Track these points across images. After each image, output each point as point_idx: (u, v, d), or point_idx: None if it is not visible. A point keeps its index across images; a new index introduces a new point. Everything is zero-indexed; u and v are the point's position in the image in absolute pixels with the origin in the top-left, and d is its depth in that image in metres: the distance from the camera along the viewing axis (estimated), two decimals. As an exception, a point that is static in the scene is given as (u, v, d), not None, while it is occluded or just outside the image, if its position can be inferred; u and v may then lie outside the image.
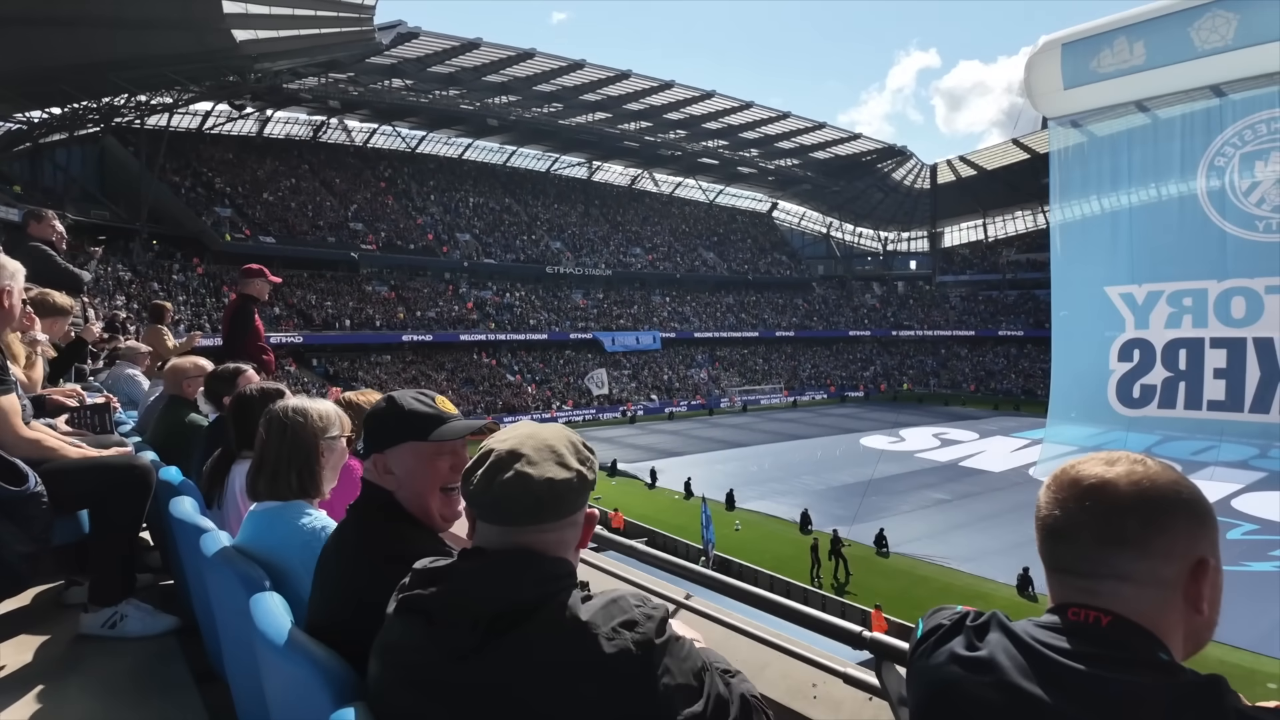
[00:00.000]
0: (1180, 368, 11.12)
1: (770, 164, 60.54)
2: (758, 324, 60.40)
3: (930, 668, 0.93)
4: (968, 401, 51.68)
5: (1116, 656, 0.81)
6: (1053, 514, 0.90)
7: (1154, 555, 0.85)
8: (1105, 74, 11.19)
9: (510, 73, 41.76)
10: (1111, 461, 0.90)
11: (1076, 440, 13.76)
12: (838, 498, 24.38)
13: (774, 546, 20.01)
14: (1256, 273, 10.37)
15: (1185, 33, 10.30)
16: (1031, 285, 61.36)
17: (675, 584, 1.85)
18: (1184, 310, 11.01)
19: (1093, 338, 12.01)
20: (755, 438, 37.53)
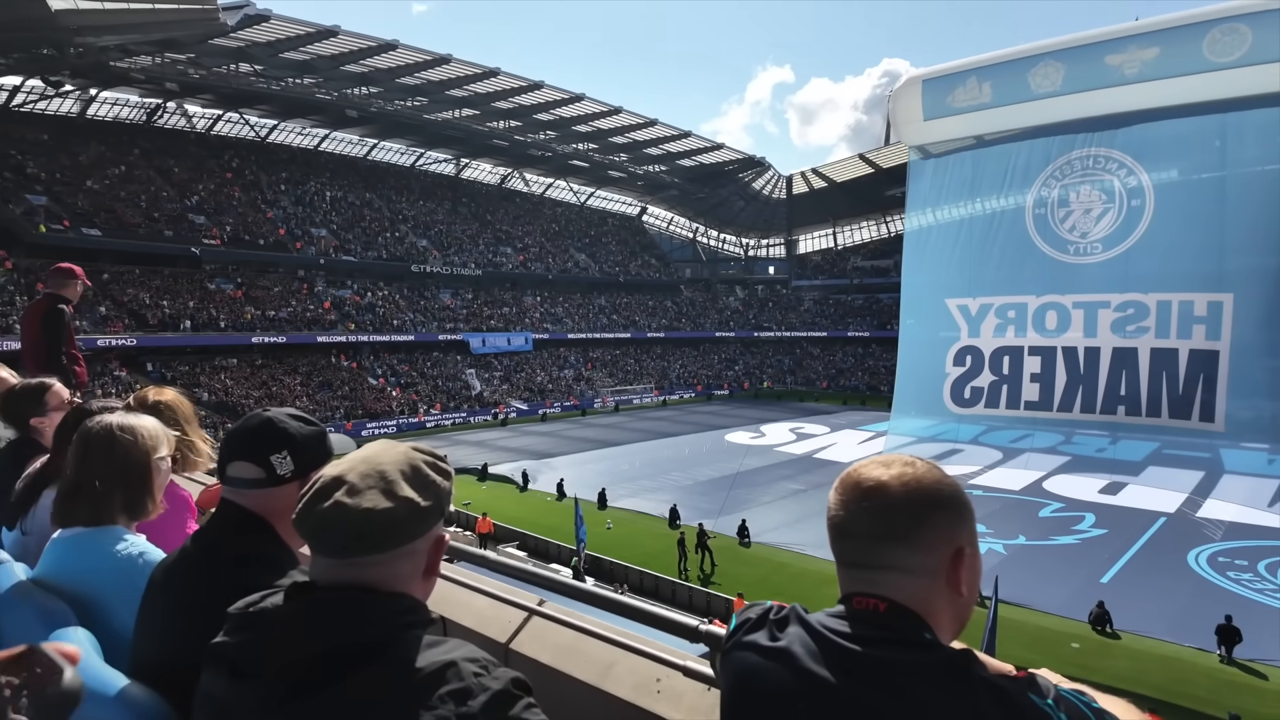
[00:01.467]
0: (1004, 372, 12.45)
1: (639, 169, 61.66)
2: (629, 325, 61.24)
3: (736, 659, 1.01)
4: (821, 398, 55.01)
5: (891, 638, 0.92)
6: (839, 513, 1.00)
7: (921, 547, 0.96)
8: (959, 109, 12.48)
9: (371, 64, 39.95)
10: (887, 464, 1.00)
11: (915, 431, 15.00)
12: (704, 492, 25.23)
13: (644, 542, 20.43)
14: (1066, 290, 11.76)
15: (1024, 78, 11.75)
16: (876, 290, 66.35)
17: (530, 591, 1.91)
18: (1009, 321, 12.32)
19: (933, 344, 13.22)
20: (627, 437, 38.08)
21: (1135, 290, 11.27)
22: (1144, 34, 10.63)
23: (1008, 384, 12.43)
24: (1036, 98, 11.51)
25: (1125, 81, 10.55)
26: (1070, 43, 11.40)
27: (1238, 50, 9.78)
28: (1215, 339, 10.78)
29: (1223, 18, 9.97)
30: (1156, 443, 22.96)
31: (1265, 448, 12.08)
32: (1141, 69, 10.46)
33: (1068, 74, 11.19)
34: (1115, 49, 10.67)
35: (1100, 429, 18.88)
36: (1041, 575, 17.22)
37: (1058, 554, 18.88)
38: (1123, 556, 18.44)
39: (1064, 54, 11.29)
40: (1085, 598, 15.20)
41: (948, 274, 12.89)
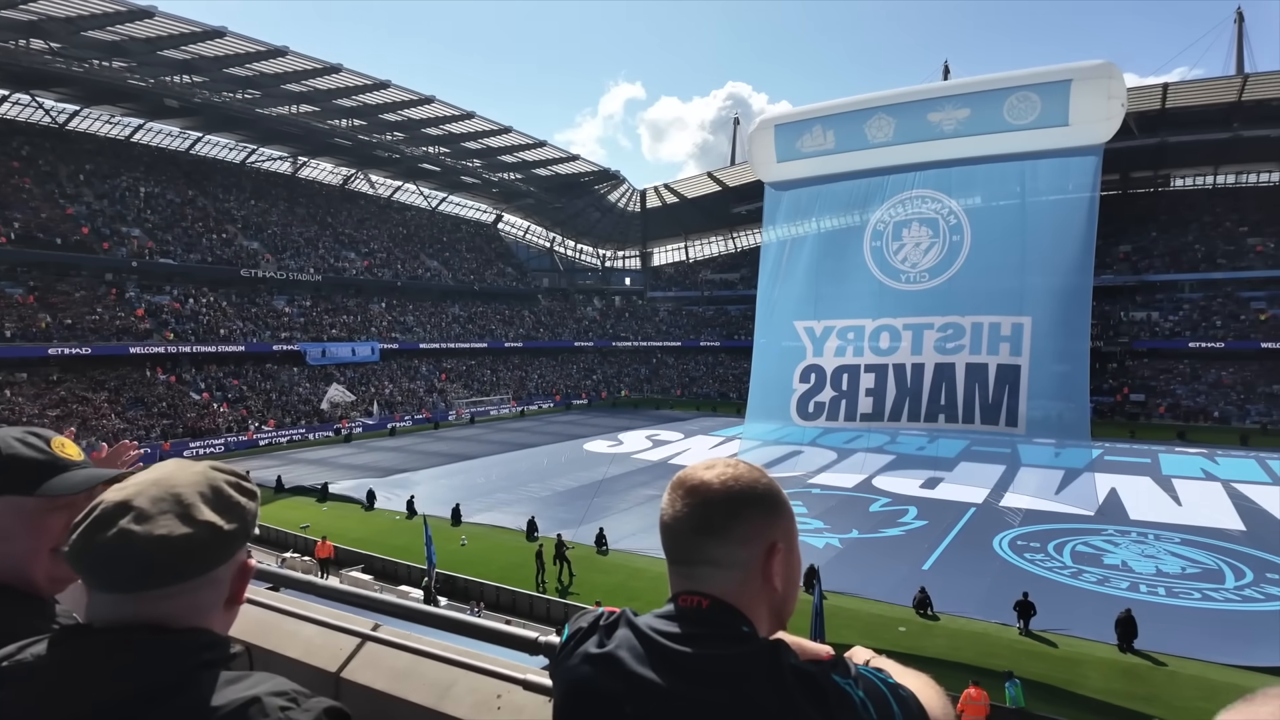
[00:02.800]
0: (843, 388, 13.53)
1: (494, 176, 60.69)
2: (485, 334, 59.95)
3: (566, 668, 1.02)
4: (675, 405, 56.64)
5: (712, 634, 0.96)
6: (666, 512, 1.04)
7: (736, 541, 1.00)
8: (806, 153, 13.70)
9: (195, 50, 36.53)
10: (710, 466, 1.05)
11: (763, 435, 15.87)
12: (563, 503, 25.13)
13: (501, 557, 20.00)
14: (898, 313, 13.17)
15: (861, 128, 13.08)
16: (725, 301, 69.39)
17: (365, 616, 1.82)
18: (848, 342, 13.53)
19: (782, 361, 14.25)
20: (483, 449, 37.17)
21: (955, 313, 12.79)
22: (957, 95, 12.34)
23: (846, 399, 13.56)
24: (872, 146, 12.90)
25: (944, 136, 12.15)
26: (898, 98, 13.01)
27: (1030, 115, 11.45)
28: (1018, 355, 12.37)
29: (1017, 86, 11.67)
30: (967, 440, 25.77)
31: (1053, 442, 13.84)
32: (957, 126, 12.06)
33: (897, 127, 12.69)
34: (935, 108, 12.29)
35: (922, 432, 20.92)
36: (873, 565, 18.67)
37: (886, 545, 20.55)
38: (940, 545, 20.40)
39: (893, 109, 12.84)
40: (910, 584, 16.64)
41: (797, 299, 14.07)
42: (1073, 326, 12.55)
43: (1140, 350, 50.56)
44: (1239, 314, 49.24)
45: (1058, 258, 12.17)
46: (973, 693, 11.24)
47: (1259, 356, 46.80)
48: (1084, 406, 13.15)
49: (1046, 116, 11.41)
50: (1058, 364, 12.71)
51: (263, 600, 1.85)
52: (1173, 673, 13.14)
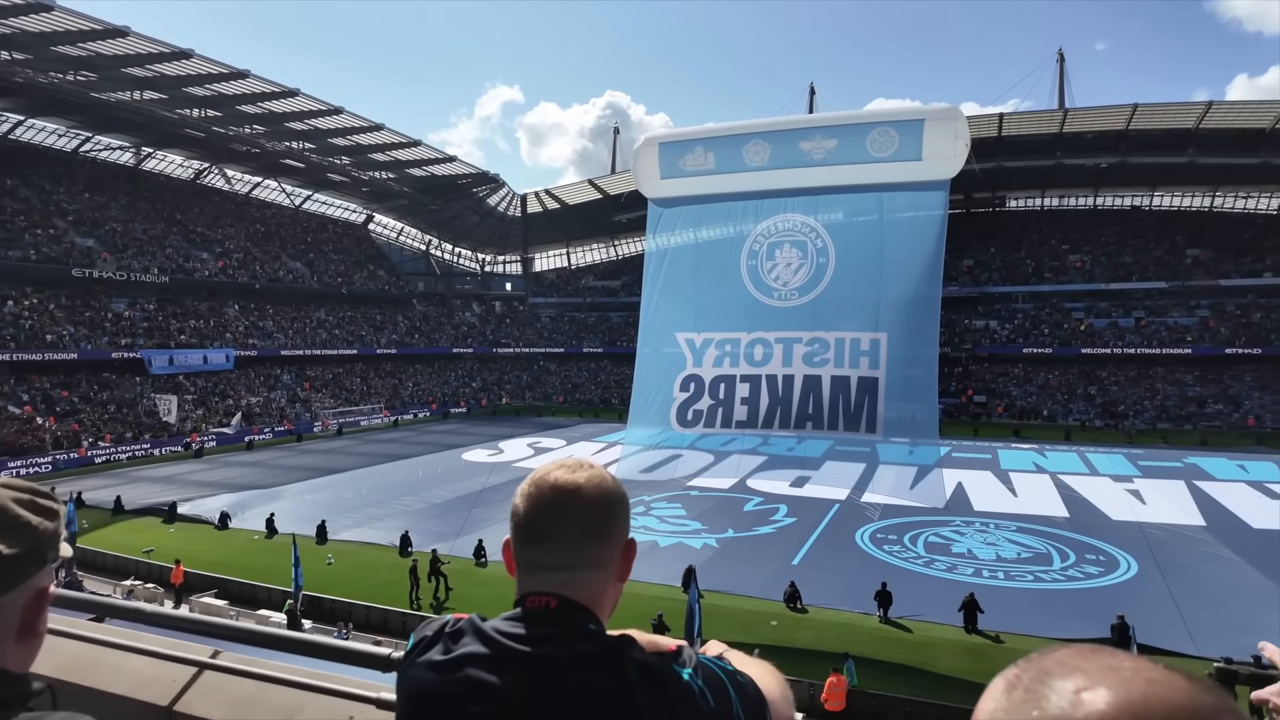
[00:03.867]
0: (720, 397, 14.10)
1: (364, 174, 58.07)
2: (355, 340, 57.15)
3: (410, 679, 1.01)
4: (558, 412, 56.35)
5: (559, 633, 0.98)
6: (535, 516, 1.04)
7: (611, 541, 1.04)
8: (689, 172, 14.28)
9: (16, 24, 32.62)
10: (573, 469, 1.07)
11: (644, 440, 16.21)
12: (439, 515, 24.37)
13: (372, 575, 19.12)
14: (771, 328, 13.95)
15: (740, 152, 13.80)
16: (607, 308, 69.86)
17: (201, 643, 1.71)
18: (726, 354, 14.16)
19: (664, 371, 14.69)
20: (352, 462, 35.37)
21: (821, 329, 13.79)
22: (826, 127, 13.34)
23: (723, 407, 14.22)
24: (750, 170, 13.71)
25: (814, 164, 13.11)
26: (774, 126, 14.01)
27: (889, 149, 12.50)
28: (876, 368, 13.43)
29: (879, 122, 12.76)
30: (832, 441, 27.34)
31: (906, 441, 14.94)
32: (825, 155, 13.05)
33: (773, 152, 13.59)
34: (806, 137, 13.27)
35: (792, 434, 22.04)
36: (747, 563, 19.38)
37: (759, 543, 21.40)
38: (808, 540, 21.49)
39: (769, 135, 13.80)
40: (781, 579, 17.39)
41: (678, 311, 14.65)
42: (923, 334, 13.71)
43: (982, 355, 55.52)
44: (1063, 323, 55.16)
45: (911, 272, 13.32)
46: (834, 680, 11.91)
47: (1079, 361, 52.67)
48: (933, 408, 14.36)
49: (903, 151, 12.57)
50: (910, 369, 13.81)
51: (84, 633, 1.69)
52: (1010, 649, 14.48)
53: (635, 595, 16.72)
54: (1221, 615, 15.43)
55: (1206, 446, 37.96)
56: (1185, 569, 18.50)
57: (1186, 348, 50.00)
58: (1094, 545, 20.59)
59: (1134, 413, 47.51)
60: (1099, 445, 38.75)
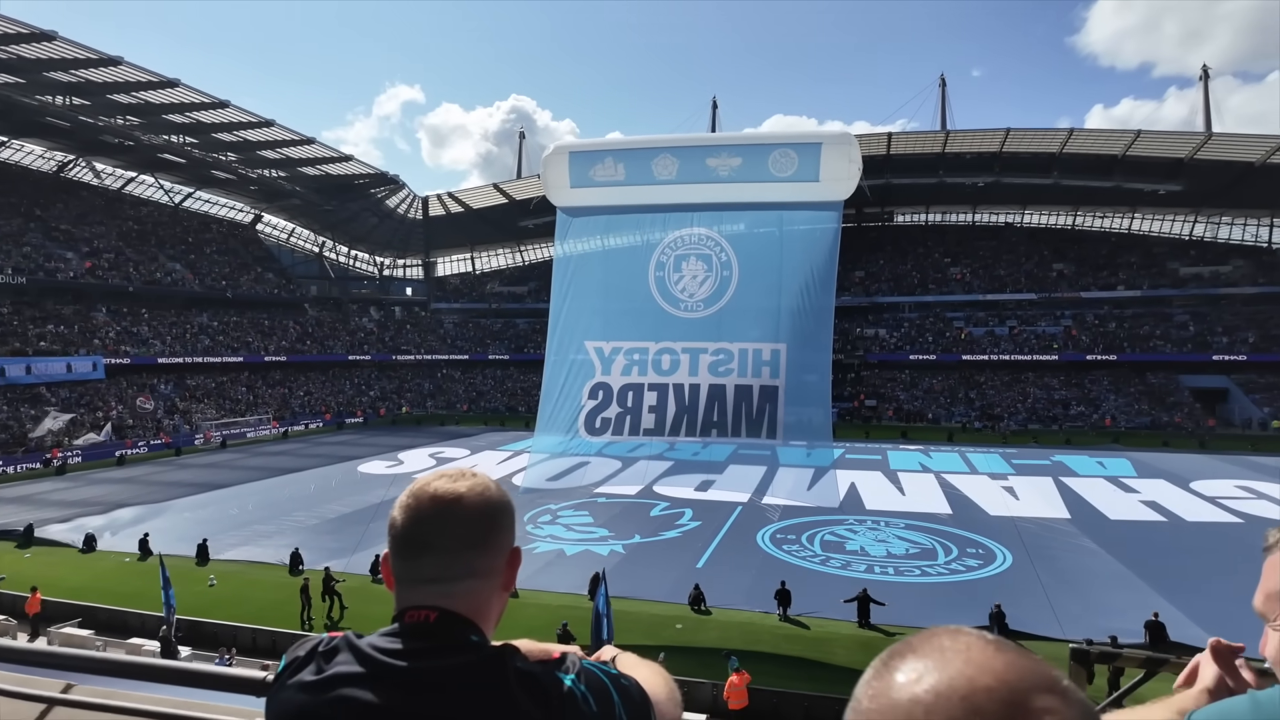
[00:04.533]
0: (628, 405, 14.26)
1: (252, 172, 54.99)
2: (241, 347, 53.88)
3: (279, 700, 0.98)
4: (462, 420, 55.05)
5: (438, 646, 0.96)
6: (414, 529, 1.02)
7: (493, 551, 1.04)
8: (599, 182, 14.39)
9: None
10: (454, 478, 1.05)
11: (551, 448, 16.16)
12: (334, 530, 23.30)
13: (259, 595, 18.05)
14: (678, 338, 14.26)
15: (649, 165, 14.03)
16: (513, 314, 69.01)
17: (52, 677, 1.58)
18: (634, 363, 14.36)
19: (573, 379, 14.71)
20: (237, 476, 33.28)
21: (725, 340, 14.25)
22: (732, 145, 13.85)
23: (631, 415, 14.44)
24: (659, 183, 14.02)
25: (720, 180, 13.56)
26: (682, 142, 14.47)
27: (790, 169, 13.08)
28: (776, 377, 13.93)
29: (780, 144, 13.37)
30: (735, 445, 28.09)
31: (804, 444, 15.54)
32: (730, 172, 13.51)
33: (680, 167, 13.99)
34: (713, 154, 13.72)
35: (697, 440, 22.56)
36: (653, 568, 19.56)
37: (665, 547, 21.65)
38: (712, 543, 21.92)
39: (678, 150, 14.23)
40: (686, 582, 17.65)
41: (587, 319, 14.76)
42: (819, 342, 14.35)
43: (872, 362, 58.42)
44: (945, 331, 58.83)
45: (808, 284, 13.95)
46: (734, 679, 12.20)
47: (959, 367, 56.31)
48: (828, 412, 15.03)
49: (802, 172, 13.22)
50: (807, 375, 14.41)
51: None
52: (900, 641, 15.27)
53: (541, 605, 16.55)
54: (1084, 599, 16.83)
55: (1070, 445, 41.39)
56: (1052, 558, 20.06)
57: (1053, 354, 54.41)
58: (974, 539, 22.01)
59: (1008, 415, 51.18)
60: (978, 445, 41.51)
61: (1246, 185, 50.44)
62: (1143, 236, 60.57)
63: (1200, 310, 54.52)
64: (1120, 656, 2.43)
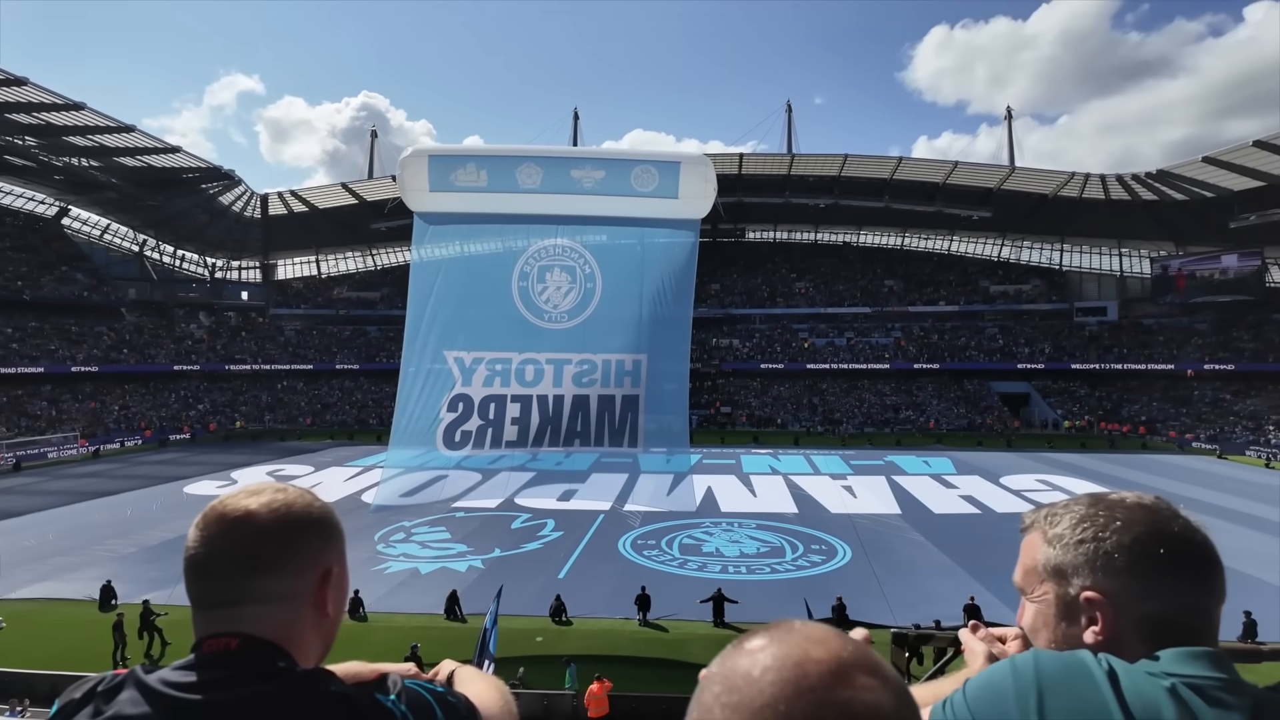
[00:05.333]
0: (490, 417, 14.07)
1: (57, 160, 48.73)
2: (42, 356, 47.47)
3: None
4: (304, 435, 51.53)
5: (241, 675, 0.89)
6: (199, 550, 0.97)
7: (291, 573, 0.95)
8: (460, 187, 14.07)
9: None
10: (257, 493, 0.99)
11: (406, 462, 15.61)
12: (155, 559, 21.05)
13: (63, 636, 15.98)
14: (541, 349, 14.28)
15: (513, 173, 13.93)
16: (364, 321, 65.68)
17: None
18: (496, 373, 14.21)
19: (431, 390, 14.33)
20: (35, 503, 29.24)
21: (589, 351, 14.45)
22: (595, 159, 14.12)
23: (493, 427, 14.24)
24: (523, 191, 13.98)
25: (584, 192, 13.75)
26: (547, 152, 14.59)
27: (651, 185, 13.52)
28: (637, 386, 14.26)
29: (642, 160, 13.79)
30: (597, 453, 28.37)
31: (664, 451, 15.98)
32: (595, 185, 13.75)
33: (545, 177, 14.05)
34: (577, 166, 13.91)
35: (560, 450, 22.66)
36: (514, 581, 19.25)
37: (527, 560, 21.42)
38: (574, 553, 21.95)
39: (542, 160, 14.32)
40: (548, 594, 17.56)
41: (447, 329, 14.38)
42: (677, 352, 14.87)
43: (727, 371, 61.02)
44: (791, 342, 62.58)
45: (667, 295, 14.44)
46: (594, 688, 12.32)
47: (805, 375, 60.08)
48: (685, 419, 15.56)
49: (662, 189, 13.70)
50: (666, 384, 14.89)
51: None
52: (751, 636, 16.01)
53: (393, 628, 15.87)
54: (913, 588, 18.46)
55: (900, 446, 45.30)
56: (886, 552, 21.84)
57: (886, 363, 59.37)
58: (818, 536, 23.52)
59: (847, 419, 55.15)
60: (820, 448, 44.44)
61: (1042, 214, 57.77)
62: (959, 257, 67.65)
63: (1006, 324, 61.61)
64: (934, 637, 2.75)
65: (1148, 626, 0.90)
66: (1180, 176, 48.22)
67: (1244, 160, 42.98)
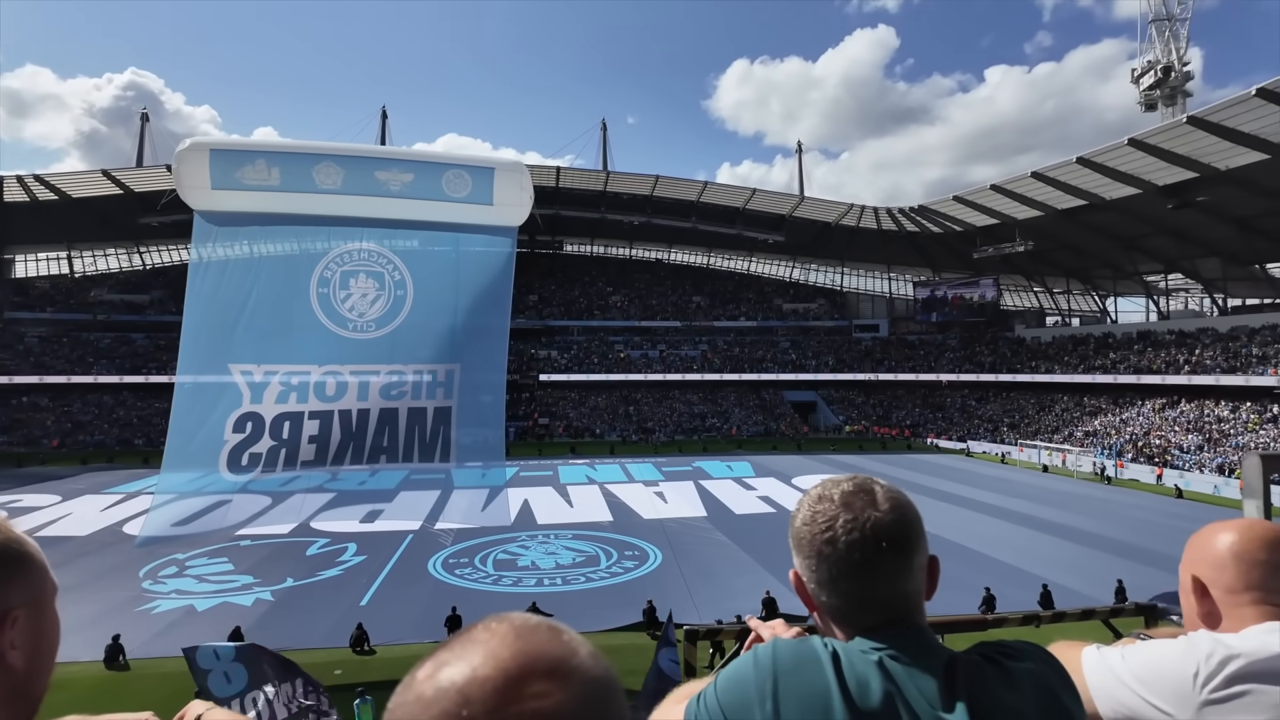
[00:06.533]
0: (284, 437, 12.89)
1: None
2: None
3: None
4: (49, 460, 44.11)
5: None
6: None
7: None
8: (248, 185, 12.61)
9: None
10: None
11: (181, 486, 13.93)
12: None
13: None
14: (345, 361, 13.23)
15: (309, 172, 12.72)
16: (129, 328, 57.67)
17: None
18: (292, 389, 12.96)
19: (212, 407, 12.82)
20: None
21: (399, 362, 13.62)
22: (403, 160, 13.39)
23: (286, 448, 12.97)
24: (321, 192, 12.84)
25: (391, 195, 12.97)
26: (348, 151, 13.50)
27: (464, 190, 13.11)
28: (450, 398, 13.78)
29: (454, 165, 13.31)
30: (406, 471, 27.07)
31: (479, 465, 15.59)
32: (403, 188, 13.04)
33: (346, 178, 13.01)
34: (382, 167, 13.09)
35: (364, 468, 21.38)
36: (310, 612, 17.83)
37: (325, 588, 19.90)
38: (379, 577, 20.77)
39: (342, 159, 13.22)
40: (348, 623, 16.44)
41: (233, 340, 12.84)
42: (494, 363, 14.62)
43: (545, 382, 61.01)
44: (608, 353, 63.98)
45: (483, 305, 14.13)
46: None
47: (620, 386, 61.67)
48: (502, 432, 15.33)
49: (476, 194, 13.35)
50: (482, 396, 14.57)
51: None
52: (565, 647, 16.06)
53: (163, 674, 14.06)
54: (717, 586, 19.56)
55: (707, 452, 47.96)
56: (693, 553, 22.95)
57: (694, 374, 62.54)
58: (631, 542, 24.19)
59: (659, 428, 57.34)
60: (635, 456, 45.83)
61: (826, 240, 64.23)
62: (757, 277, 73.27)
63: (797, 339, 67.57)
64: (721, 631, 2.97)
65: (826, 608, 1.04)
66: (936, 212, 55.84)
67: (984, 201, 50.73)
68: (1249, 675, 1.06)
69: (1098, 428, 46.29)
